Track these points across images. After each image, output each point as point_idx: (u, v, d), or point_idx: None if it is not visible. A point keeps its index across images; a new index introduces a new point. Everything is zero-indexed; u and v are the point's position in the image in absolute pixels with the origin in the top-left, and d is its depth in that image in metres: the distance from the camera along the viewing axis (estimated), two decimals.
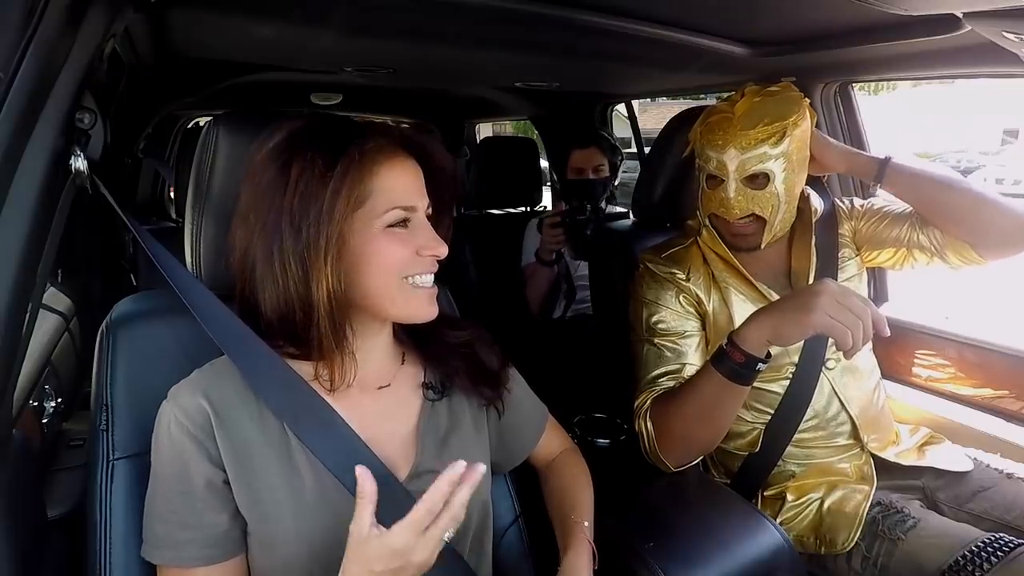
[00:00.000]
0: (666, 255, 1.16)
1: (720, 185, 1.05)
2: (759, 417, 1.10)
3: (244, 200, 0.66)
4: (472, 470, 0.55)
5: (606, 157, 2.02)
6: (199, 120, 3.20)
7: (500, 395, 0.79)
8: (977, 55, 1.09)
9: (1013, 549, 0.88)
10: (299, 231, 0.61)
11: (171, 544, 0.62)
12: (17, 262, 0.61)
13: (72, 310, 1.48)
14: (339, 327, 0.64)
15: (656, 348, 1.09)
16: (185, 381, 0.66)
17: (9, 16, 0.57)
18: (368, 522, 0.53)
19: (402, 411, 0.73)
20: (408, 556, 0.53)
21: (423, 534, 0.53)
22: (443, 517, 0.54)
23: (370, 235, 0.64)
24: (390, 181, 0.64)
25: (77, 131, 0.70)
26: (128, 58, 1.34)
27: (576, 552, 0.76)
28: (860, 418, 1.10)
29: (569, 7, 1.03)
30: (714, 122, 1.06)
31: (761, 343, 0.86)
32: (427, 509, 0.53)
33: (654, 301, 1.11)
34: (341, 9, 1.06)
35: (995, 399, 1.30)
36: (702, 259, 1.14)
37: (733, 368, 0.88)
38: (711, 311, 1.11)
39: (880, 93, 15.43)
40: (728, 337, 0.90)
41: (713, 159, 1.05)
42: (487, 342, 0.81)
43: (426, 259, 0.67)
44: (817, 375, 1.08)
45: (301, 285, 0.62)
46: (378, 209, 0.64)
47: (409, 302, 0.67)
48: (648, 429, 1.01)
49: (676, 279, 1.12)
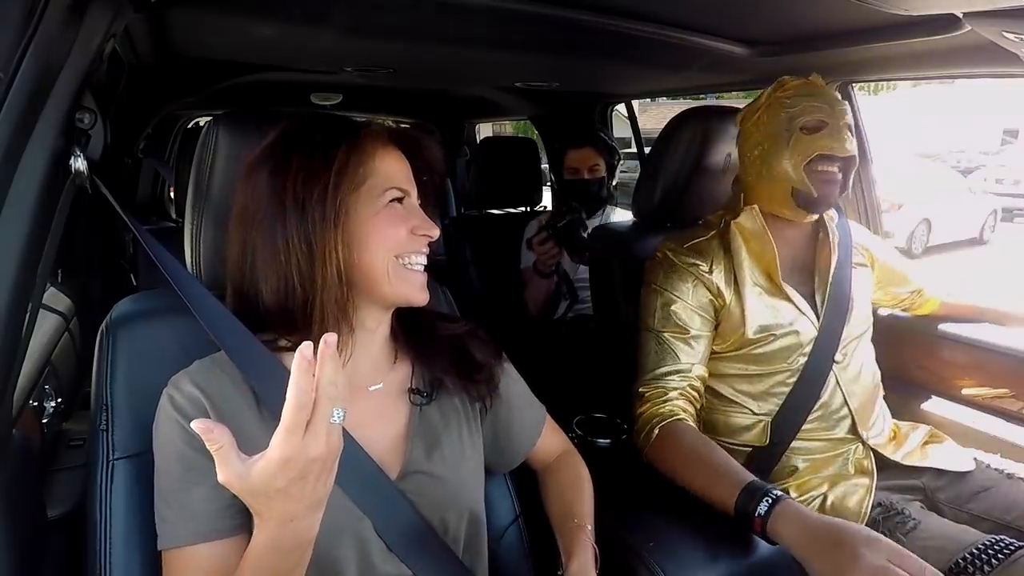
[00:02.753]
0: (689, 245, 1.16)
1: (825, 127, 1.07)
2: (764, 407, 1.11)
3: (242, 198, 0.67)
4: (324, 345, 0.49)
5: (602, 157, 2.02)
6: (199, 120, 3.20)
7: (491, 392, 0.79)
8: (977, 55, 1.09)
9: (1013, 552, 0.88)
10: (303, 211, 0.63)
11: (178, 523, 0.61)
12: (17, 262, 0.61)
13: (72, 310, 1.48)
14: (343, 300, 0.65)
15: (665, 341, 1.09)
16: (184, 372, 0.67)
17: (9, 16, 0.57)
18: (234, 465, 0.49)
19: (393, 413, 0.74)
20: (302, 458, 0.49)
21: (308, 430, 0.49)
22: (319, 404, 0.49)
23: (371, 212, 0.67)
24: (386, 165, 0.69)
25: (77, 131, 0.71)
26: (128, 58, 1.34)
27: (580, 557, 0.75)
28: (859, 412, 1.10)
29: (569, 7, 1.03)
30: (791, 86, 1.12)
31: (784, 544, 0.81)
32: (296, 406, 0.48)
33: (670, 291, 1.11)
34: (341, 9, 1.07)
35: (995, 399, 1.30)
36: (723, 252, 1.14)
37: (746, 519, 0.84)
38: (728, 304, 1.11)
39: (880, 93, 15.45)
40: (767, 512, 0.82)
41: (817, 107, 1.08)
42: (481, 338, 0.81)
43: (419, 239, 0.70)
44: (827, 369, 1.09)
45: (305, 264, 0.64)
46: (377, 188, 0.67)
47: (403, 282, 0.69)
48: (650, 438, 1.02)
49: (699, 270, 1.12)
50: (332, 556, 0.59)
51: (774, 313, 1.10)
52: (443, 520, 0.71)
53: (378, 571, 0.66)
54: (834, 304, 1.13)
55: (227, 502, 0.61)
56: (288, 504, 0.51)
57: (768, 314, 1.10)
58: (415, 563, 0.67)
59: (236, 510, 0.61)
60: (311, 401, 0.49)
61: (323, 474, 0.52)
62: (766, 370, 1.10)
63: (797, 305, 1.11)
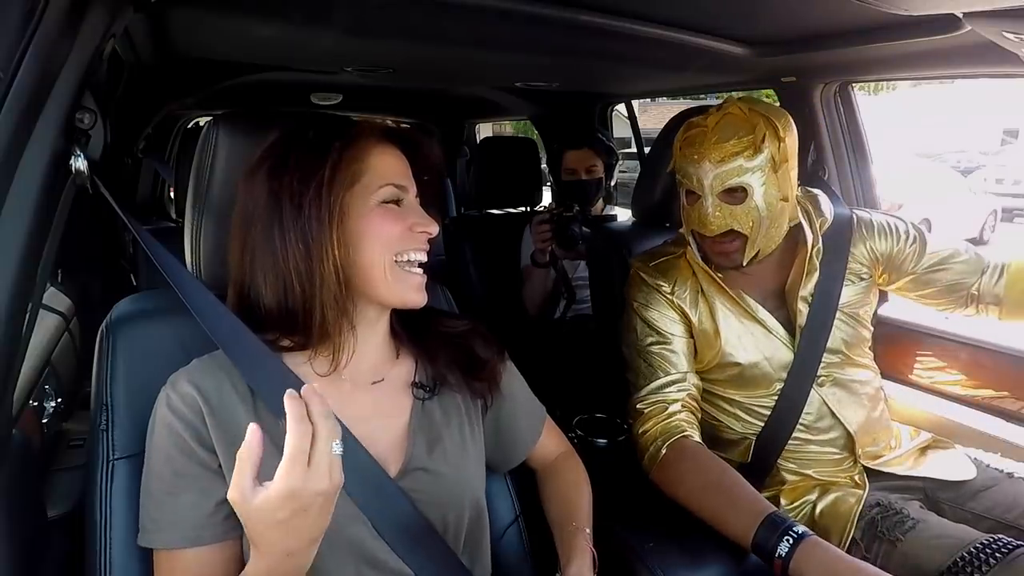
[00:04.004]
0: (654, 264, 1.15)
1: (698, 201, 1.04)
2: (749, 427, 1.11)
3: (242, 199, 0.68)
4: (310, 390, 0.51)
5: (599, 158, 2.02)
6: (199, 120, 3.20)
7: (493, 390, 0.79)
8: (977, 55, 1.09)
9: (1012, 551, 0.88)
10: (300, 208, 0.63)
11: (164, 526, 0.62)
12: (17, 262, 0.61)
13: (72, 310, 1.48)
14: (342, 300, 0.65)
15: (653, 355, 1.09)
16: (183, 370, 0.67)
17: (9, 16, 0.57)
18: (248, 484, 0.49)
19: (394, 408, 0.73)
20: (306, 492, 0.50)
21: (311, 463, 0.50)
22: (318, 439, 0.50)
23: (366, 210, 0.67)
24: (381, 162, 0.69)
25: (77, 131, 0.71)
26: (128, 58, 1.34)
27: (578, 561, 0.76)
28: (858, 432, 1.09)
29: (569, 7, 1.03)
30: (691, 136, 1.05)
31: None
32: (297, 446, 0.49)
33: (647, 305, 1.12)
34: (341, 9, 1.07)
35: (995, 399, 1.30)
36: (691, 271, 1.13)
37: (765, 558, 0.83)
38: (696, 324, 1.11)
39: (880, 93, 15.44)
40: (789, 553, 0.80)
41: (691, 174, 1.04)
42: (483, 335, 0.81)
43: (418, 235, 0.70)
44: (807, 392, 1.08)
45: (303, 262, 0.64)
46: (372, 185, 0.67)
47: (400, 284, 0.69)
48: (656, 458, 1.00)
49: (663, 291, 1.12)
50: (331, 556, 0.59)
51: (747, 336, 1.09)
52: (444, 518, 0.71)
53: (377, 570, 0.66)
54: (814, 325, 1.08)
55: (212, 509, 0.62)
56: (289, 539, 0.52)
57: (740, 337, 1.09)
58: (415, 562, 0.67)
59: (221, 517, 0.62)
60: (310, 431, 0.49)
61: (325, 508, 0.52)
62: (745, 392, 1.11)
63: (769, 328, 1.10)
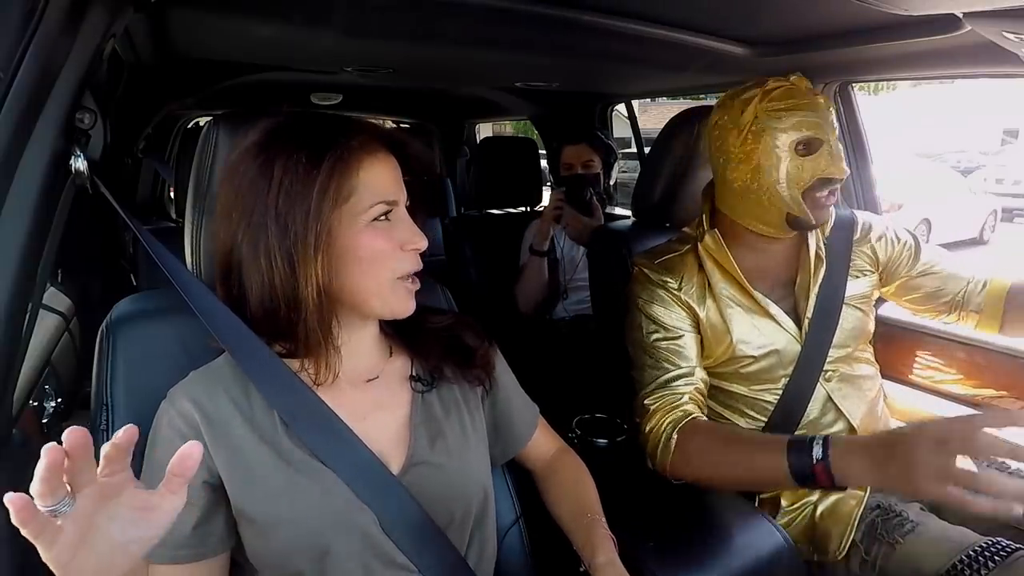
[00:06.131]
0: (659, 262, 1.14)
1: (822, 145, 1.00)
2: (752, 424, 1.10)
3: (224, 200, 0.66)
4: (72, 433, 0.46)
5: (596, 153, 2.02)
6: (199, 120, 3.20)
7: (488, 374, 0.79)
8: (977, 55, 1.09)
9: (1012, 553, 0.88)
10: (285, 229, 0.62)
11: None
12: (17, 262, 0.62)
13: (72, 310, 1.48)
14: (326, 322, 0.65)
15: (659, 350, 1.08)
16: (180, 384, 0.67)
17: (9, 16, 0.57)
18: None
19: (393, 403, 0.73)
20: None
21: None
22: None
23: (355, 230, 0.65)
24: (373, 176, 0.65)
25: (77, 131, 0.71)
26: (128, 58, 1.34)
27: (605, 548, 0.75)
28: (860, 428, 1.08)
29: (569, 7, 1.03)
30: (783, 90, 1.02)
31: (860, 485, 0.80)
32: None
33: (651, 303, 1.11)
34: (341, 9, 1.07)
35: (995, 399, 1.30)
36: (697, 267, 1.12)
37: (811, 480, 0.83)
38: (704, 319, 1.10)
39: (880, 93, 15.45)
40: (824, 453, 0.81)
41: (807, 121, 1.00)
42: (470, 325, 0.81)
43: (410, 254, 0.68)
44: (813, 386, 1.07)
45: (288, 281, 0.62)
46: (363, 204, 0.65)
47: (393, 297, 0.68)
48: (669, 447, 0.99)
49: (669, 287, 1.11)
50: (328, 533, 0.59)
51: (755, 330, 1.09)
52: (449, 512, 0.71)
53: (384, 563, 0.66)
54: (820, 318, 1.08)
55: (189, 530, 0.61)
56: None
57: (749, 331, 1.08)
58: (422, 561, 0.67)
59: (201, 537, 0.62)
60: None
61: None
62: (751, 387, 1.10)
63: (779, 321, 1.09)
